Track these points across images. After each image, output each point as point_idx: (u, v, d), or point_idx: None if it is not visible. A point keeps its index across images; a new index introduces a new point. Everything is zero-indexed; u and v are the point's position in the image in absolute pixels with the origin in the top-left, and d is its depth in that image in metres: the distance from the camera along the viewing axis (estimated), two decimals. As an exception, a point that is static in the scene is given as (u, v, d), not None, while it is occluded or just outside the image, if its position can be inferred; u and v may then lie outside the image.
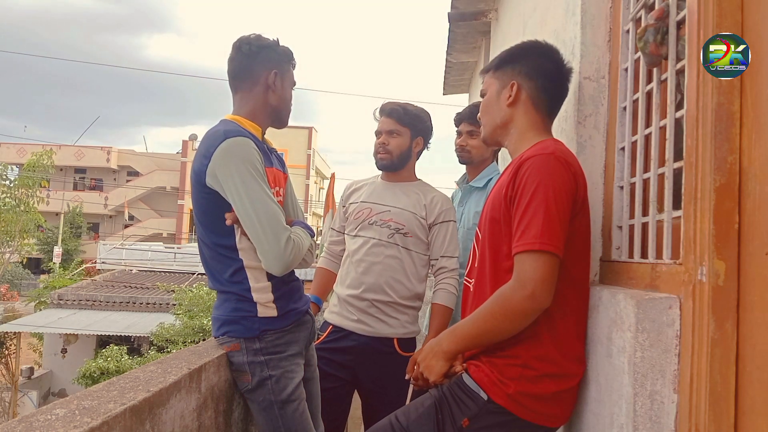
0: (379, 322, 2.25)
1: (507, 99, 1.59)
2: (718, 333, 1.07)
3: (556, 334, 1.43)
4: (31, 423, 1.07)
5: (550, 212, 1.37)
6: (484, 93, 1.68)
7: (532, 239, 1.36)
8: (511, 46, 1.69)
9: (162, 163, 34.22)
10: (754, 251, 1.04)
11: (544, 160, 1.42)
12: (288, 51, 1.85)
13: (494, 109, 1.63)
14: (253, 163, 1.64)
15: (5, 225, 13.91)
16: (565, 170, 1.42)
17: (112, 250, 21.74)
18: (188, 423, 1.50)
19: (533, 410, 1.42)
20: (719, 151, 1.08)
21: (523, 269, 1.37)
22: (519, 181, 1.43)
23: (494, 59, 1.68)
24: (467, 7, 4.19)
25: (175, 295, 12.25)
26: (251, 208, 1.62)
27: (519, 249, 1.39)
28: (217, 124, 1.78)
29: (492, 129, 1.65)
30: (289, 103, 1.88)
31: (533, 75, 1.58)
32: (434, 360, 1.51)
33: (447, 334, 1.53)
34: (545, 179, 1.40)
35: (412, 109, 2.37)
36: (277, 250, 1.63)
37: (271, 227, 1.63)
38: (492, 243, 1.53)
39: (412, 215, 2.29)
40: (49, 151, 14.96)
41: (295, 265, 1.71)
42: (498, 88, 1.62)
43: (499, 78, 1.63)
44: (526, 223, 1.38)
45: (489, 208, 1.58)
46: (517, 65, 1.61)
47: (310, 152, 31.94)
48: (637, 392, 1.17)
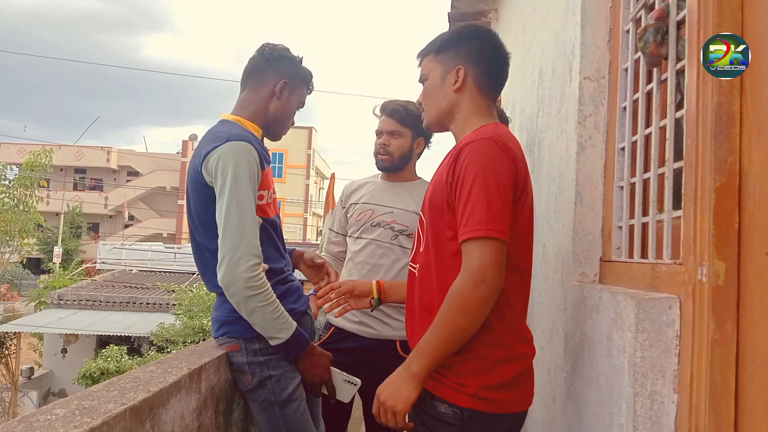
0: (381, 324, 2.25)
1: (453, 84, 1.55)
2: (718, 333, 1.07)
3: (504, 318, 1.42)
4: (31, 423, 1.07)
5: (493, 197, 1.35)
6: (426, 77, 1.61)
7: (477, 226, 1.34)
8: (451, 30, 1.64)
9: (162, 163, 34.22)
10: (754, 251, 1.04)
11: (483, 144, 1.40)
12: (308, 72, 1.87)
13: (439, 94, 1.57)
14: (251, 169, 1.63)
15: (5, 225, 13.90)
16: (504, 154, 1.39)
17: (112, 250, 21.73)
18: (188, 423, 1.50)
19: (499, 401, 1.40)
20: (719, 151, 1.08)
21: (471, 257, 1.34)
22: (459, 167, 1.41)
23: (433, 42, 1.62)
24: (467, 7, 4.19)
25: (175, 295, 12.24)
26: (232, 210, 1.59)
27: (464, 236, 1.36)
28: (217, 123, 1.78)
29: (437, 114, 1.60)
30: (289, 119, 1.87)
31: (478, 59, 1.54)
32: (401, 387, 1.40)
33: (412, 356, 1.42)
34: (485, 164, 1.37)
35: (414, 110, 2.36)
36: (230, 264, 1.57)
37: (239, 239, 1.58)
38: (434, 228, 1.51)
39: (414, 216, 2.29)
40: (48, 151, 14.93)
41: (238, 295, 1.59)
42: (442, 72, 1.57)
43: (442, 62, 1.57)
44: (470, 211, 1.36)
45: (430, 193, 1.55)
46: (461, 49, 1.55)
47: (310, 152, 31.94)
48: (637, 392, 1.17)
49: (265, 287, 1.61)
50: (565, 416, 1.69)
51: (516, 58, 3.01)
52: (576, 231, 1.66)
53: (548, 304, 1.95)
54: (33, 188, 14.35)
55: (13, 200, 14.05)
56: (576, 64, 1.71)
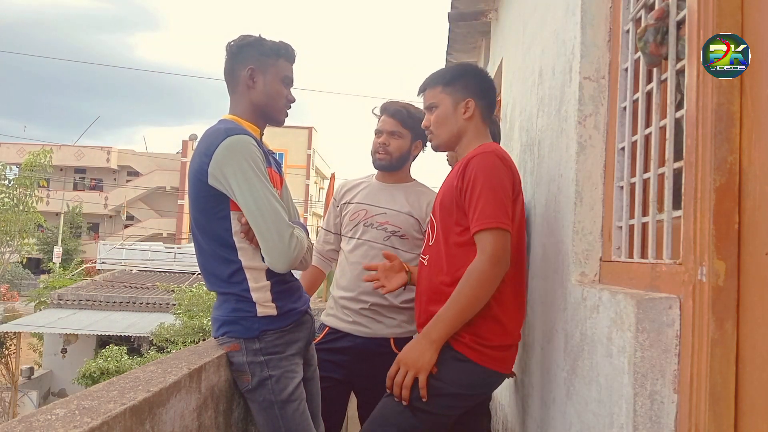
0: (375, 323, 2.25)
1: (464, 113, 1.91)
2: (718, 333, 1.07)
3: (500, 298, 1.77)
4: (31, 423, 1.07)
5: (498, 196, 1.72)
6: (435, 105, 1.95)
7: (488, 219, 1.69)
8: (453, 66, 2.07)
9: (162, 163, 34.21)
10: (754, 251, 1.04)
11: (487, 156, 1.77)
12: (274, 45, 1.81)
13: (451, 121, 1.93)
14: (256, 160, 1.64)
15: (5, 225, 13.89)
16: (502, 164, 1.77)
17: (112, 250, 21.73)
18: (188, 423, 1.50)
19: (488, 356, 1.75)
20: (719, 151, 1.08)
21: (487, 243, 1.70)
22: (468, 175, 1.76)
23: (439, 76, 1.97)
24: (467, 7, 4.19)
25: (175, 295, 12.25)
26: (255, 205, 1.62)
27: (477, 228, 1.71)
28: (216, 123, 1.78)
29: (448, 138, 1.95)
30: (277, 99, 1.81)
31: (481, 93, 1.94)
32: (423, 352, 1.72)
33: (431, 325, 1.73)
34: (489, 171, 1.74)
35: (416, 112, 2.37)
36: (282, 246, 1.63)
37: (275, 224, 1.63)
38: (444, 224, 1.86)
39: (408, 217, 2.29)
40: (47, 151, 14.92)
41: (297, 263, 1.71)
42: (452, 102, 1.92)
43: (451, 94, 1.92)
44: (481, 207, 1.71)
45: (441, 197, 1.91)
46: (469, 83, 1.93)
47: (310, 152, 31.92)
48: (637, 392, 1.17)
49: (303, 243, 1.70)
50: (565, 416, 1.68)
51: (516, 58, 3.01)
52: (576, 231, 1.66)
53: (548, 304, 1.95)
54: (33, 188, 14.35)
55: (12, 200, 14.04)
56: (576, 64, 1.71)
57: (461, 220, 1.78)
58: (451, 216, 1.82)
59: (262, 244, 1.65)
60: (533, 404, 2.13)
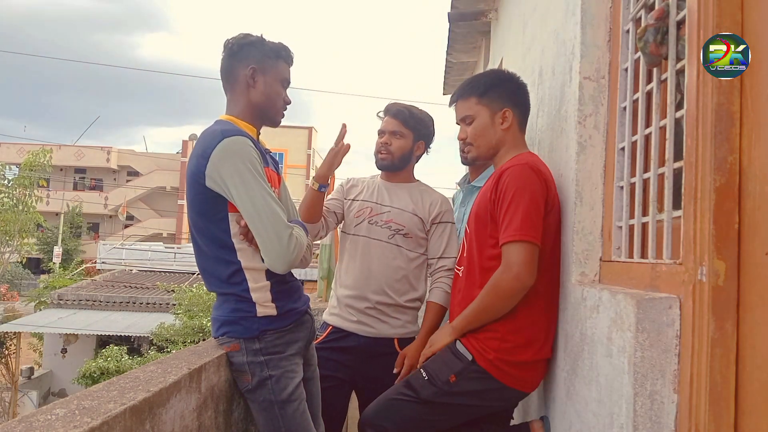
0: (379, 322, 2.25)
1: (501, 124, 1.90)
2: (718, 333, 1.07)
3: (530, 312, 1.75)
4: (31, 423, 1.07)
5: (528, 209, 1.69)
6: (472, 118, 1.93)
7: (514, 231, 1.69)
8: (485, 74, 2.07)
9: (162, 163, 34.20)
10: (754, 251, 1.04)
11: (521, 169, 1.75)
12: (276, 47, 1.81)
13: (490, 132, 1.92)
14: (253, 162, 1.64)
15: (5, 225, 13.88)
16: (537, 177, 1.74)
17: (112, 250, 21.71)
18: (188, 423, 1.50)
19: (508, 374, 1.74)
20: (719, 151, 1.08)
21: (509, 256, 1.70)
22: (501, 187, 1.75)
23: (473, 86, 1.95)
24: (467, 7, 4.19)
25: (175, 295, 12.23)
26: (253, 207, 1.62)
27: (504, 240, 1.71)
28: (212, 123, 1.78)
29: (487, 150, 1.94)
30: (276, 100, 1.82)
31: (517, 102, 1.93)
32: (443, 334, 1.87)
33: (457, 317, 1.85)
34: (521, 184, 1.72)
35: (418, 113, 2.37)
36: (280, 248, 1.63)
37: (274, 226, 1.62)
38: (478, 236, 1.86)
39: (412, 216, 2.29)
40: (47, 151, 14.90)
41: (297, 263, 1.71)
42: (489, 113, 1.91)
43: (487, 105, 1.91)
44: (509, 220, 1.70)
45: (476, 208, 1.92)
46: (504, 92, 1.91)
47: (310, 152, 31.91)
48: (637, 392, 1.17)
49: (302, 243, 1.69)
50: (565, 416, 1.69)
51: (516, 58, 3.01)
52: (576, 231, 1.66)
53: (548, 304, 1.94)
54: (32, 188, 14.33)
55: (12, 200, 14.03)
56: (576, 64, 1.71)
57: (494, 232, 1.78)
58: (486, 228, 1.82)
59: (261, 246, 1.64)
60: (533, 404, 2.13)
